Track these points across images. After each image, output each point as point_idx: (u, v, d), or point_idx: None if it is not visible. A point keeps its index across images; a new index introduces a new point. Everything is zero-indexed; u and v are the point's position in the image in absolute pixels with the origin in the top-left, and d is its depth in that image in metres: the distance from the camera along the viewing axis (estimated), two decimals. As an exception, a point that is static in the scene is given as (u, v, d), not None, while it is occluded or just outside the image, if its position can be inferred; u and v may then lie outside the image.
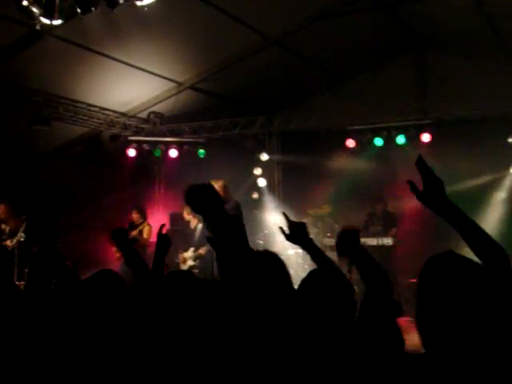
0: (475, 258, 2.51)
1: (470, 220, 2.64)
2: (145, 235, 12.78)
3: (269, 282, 3.11)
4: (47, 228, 4.99)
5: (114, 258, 12.96)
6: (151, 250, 11.00)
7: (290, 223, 3.93)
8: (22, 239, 11.89)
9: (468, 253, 2.56)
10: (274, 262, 3.35)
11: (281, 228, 3.99)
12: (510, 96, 11.64)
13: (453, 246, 2.77)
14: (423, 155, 2.71)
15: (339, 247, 3.72)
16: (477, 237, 2.62)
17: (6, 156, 13.37)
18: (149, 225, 12.99)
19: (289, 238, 3.90)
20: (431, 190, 2.64)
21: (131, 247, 4.70)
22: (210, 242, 3.20)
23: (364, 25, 12.36)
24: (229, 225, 2.98)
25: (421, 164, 2.68)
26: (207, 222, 2.99)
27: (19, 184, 14.15)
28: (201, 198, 2.97)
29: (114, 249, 13.04)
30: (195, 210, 3.04)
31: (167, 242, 4.42)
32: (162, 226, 4.48)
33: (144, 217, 13.22)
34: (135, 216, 13.16)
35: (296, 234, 3.89)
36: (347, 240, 3.70)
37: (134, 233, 12.69)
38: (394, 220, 12.96)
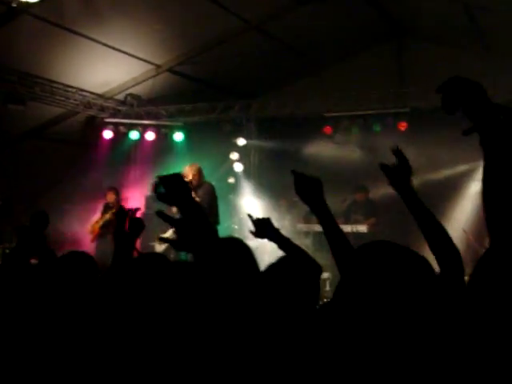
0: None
1: (426, 209, 2.94)
2: None
3: (233, 267, 3.15)
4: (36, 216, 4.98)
5: (89, 240, 12.95)
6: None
7: (255, 221, 4.25)
8: None
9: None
10: (239, 248, 3.42)
11: (250, 231, 4.32)
12: (487, 85, 11.67)
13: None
14: (399, 145, 3.06)
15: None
16: (430, 225, 2.89)
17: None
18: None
19: (257, 235, 4.24)
20: (401, 172, 3.06)
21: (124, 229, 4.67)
22: (164, 219, 3.15)
23: (343, 12, 12.35)
24: (195, 213, 2.99)
25: (397, 152, 3.12)
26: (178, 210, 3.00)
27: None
28: (169, 189, 2.99)
29: (88, 230, 12.98)
30: (163, 201, 3.05)
31: (140, 225, 4.39)
32: (136, 209, 4.43)
33: (119, 198, 13.15)
34: (110, 197, 13.08)
35: (262, 229, 4.17)
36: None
37: (108, 215, 12.61)
38: (376, 209, 12.99)
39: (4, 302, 3.84)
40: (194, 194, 9.86)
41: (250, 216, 4.33)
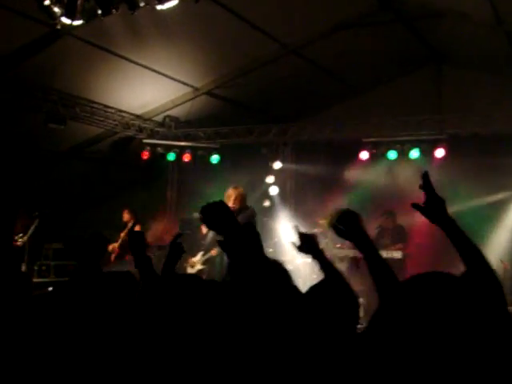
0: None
1: (465, 236, 2.85)
2: None
3: (275, 289, 3.16)
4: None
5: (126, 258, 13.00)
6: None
7: (301, 235, 4.11)
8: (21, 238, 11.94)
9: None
10: (280, 271, 3.43)
11: (292, 242, 4.17)
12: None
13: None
14: (428, 172, 2.97)
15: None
16: (469, 252, 2.81)
17: (22, 154, 13.46)
18: (139, 225, 12.71)
19: (300, 249, 4.09)
20: (433, 206, 2.92)
21: (143, 251, 4.73)
22: (220, 246, 3.25)
23: (382, 37, 12.36)
24: (243, 235, 3.07)
25: (425, 180, 2.95)
26: (223, 236, 3.10)
27: (33, 182, 14.25)
28: (215, 216, 3.10)
29: (109, 249, 12.88)
30: (210, 228, 3.19)
31: (180, 249, 4.50)
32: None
33: (135, 217, 12.98)
34: (126, 216, 13.00)
35: (306, 245, 4.06)
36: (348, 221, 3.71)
37: (123, 234, 12.59)
38: (405, 234, 12.88)
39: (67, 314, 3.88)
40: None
41: (296, 228, 4.23)
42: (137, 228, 12.42)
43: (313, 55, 12.99)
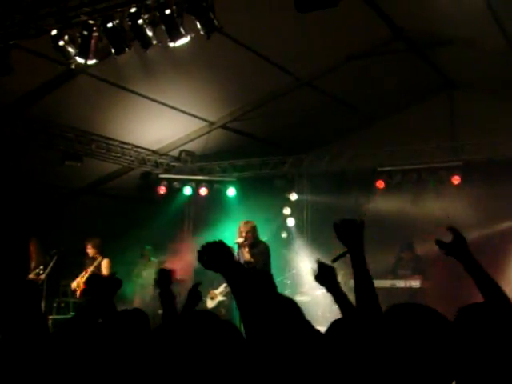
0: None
1: (483, 270, 3.14)
2: (104, 271, 11.99)
3: (285, 329, 3.18)
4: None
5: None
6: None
7: (320, 265, 4.22)
8: (42, 272, 11.91)
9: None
10: (291, 309, 3.44)
11: (313, 268, 4.29)
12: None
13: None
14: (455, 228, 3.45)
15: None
16: (488, 286, 3.06)
17: (39, 191, 13.56)
18: (107, 258, 12.23)
19: (317, 278, 4.20)
20: (457, 245, 3.32)
21: (169, 289, 4.82)
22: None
23: (395, 66, 12.41)
24: (244, 278, 3.10)
25: (452, 229, 3.39)
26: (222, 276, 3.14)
27: (50, 219, 14.33)
28: (213, 256, 3.13)
29: (73, 286, 12.61)
30: (206, 267, 3.19)
31: (198, 296, 4.67)
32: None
33: (100, 250, 12.38)
34: (90, 251, 12.34)
35: (324, 275, 4.16)
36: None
37: (91, 268, 12.01)
38: (423, 265, 12.83)
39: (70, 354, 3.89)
40: (247, 252, 9.90)
41: (318, 260, 4.33)
42: (105, 262, 12.05)
43: (326, 86, 13.05)
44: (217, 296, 12.52)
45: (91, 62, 8.54)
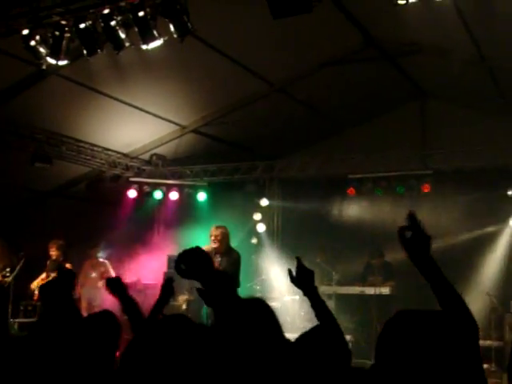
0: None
1: (443, 277, 2.82)
2: None
3: (255, 329, 3.13)
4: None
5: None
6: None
7: (300, 267, 3.94)
8: (9, 274, 11.76)
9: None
10: (262, 309, 3.35)
11: (289, 270, 3.97)
12: (509, 149, 11.69)
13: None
14: (416, 211, 2.90)
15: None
16: (446, 293, 2.80)
17: (8, 192, 13.41)
18: (69, 263, 12.11)
19: (294, 280, 3.91)
20: (417, 246, 2.85)
21: (127, 294, 4.68)
22: (199, 293, 3.22)
23: (367, 74, 12.48)
24: (218, 283, 3.07)
25: (412, 219, 2.87)
26: (200, 283, 3.08)
27: (18, 221, 14.18)
28: (192, 263, 3.08)
29: (33, 287, 12.52)
30: (184, 276, 3.13)
31: (170, 291, 4.50)
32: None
33: (63, 252, 12.39)
34: (54, 254, 12.29)
35: (302, 279, 3.91)
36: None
37: (54, 274, 11.43)
38: (393, 271, 12.92)
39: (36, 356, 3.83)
40: (217, 259, 9.79)
41: (297, 258, 4.00)
42: (67, 267, 11.67)
43: (298, 93, 13.08)
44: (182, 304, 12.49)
45: (63, 62, 8.47)
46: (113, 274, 12.62)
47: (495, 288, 12.07)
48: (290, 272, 3.95)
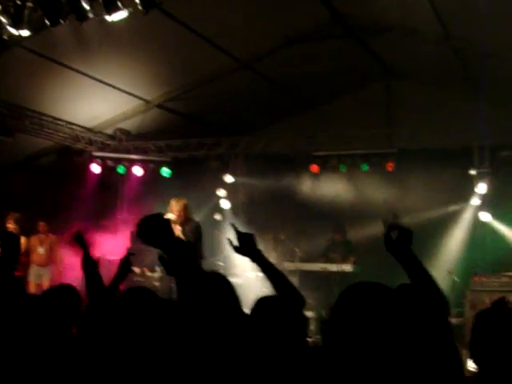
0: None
1: (422, 267, 2.95)
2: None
3: (214, 302, 3.12)
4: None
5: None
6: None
7: (239, 234, 3.80)
8: None
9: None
10: (221, 283, 3.33)
11: (229, 239, 3.89)
12: (472, 129, 11.79)
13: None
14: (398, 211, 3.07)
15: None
16: (421, 276, 2.94)
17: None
18: (24, 238, 11.89)
19: (237, 249, 3.78)
20: (402, 243, 2.98)
21: (96, 270, 4.69)
22: (160, 261, 3.21)
23: (334, 52, 12.46)
24: (180, 251, 3.04)
25: (395, 219, 3.15)
26: (161, 250, 3.06)
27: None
28: (153, 230, 3.06)
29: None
30: (146, 242, 3.10)
31: (128, 267, 4.50)
32: (129, 254, 4.51)
33: (20, 226, 12.08)
34: (11, 226, 11.92)
35: (244, 245, 3.77)
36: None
37: None
38: (352, 248, 13.06)
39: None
40: (179, 229, 9.80)
41: (233, 226, 3.88)
42: (21, 241, 11.02)
43: (265, 69, 13.05)
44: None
45: (25, 33, 8.31)
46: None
47: (456, 265, 12.21)
48: (230, 241, 3.83)
